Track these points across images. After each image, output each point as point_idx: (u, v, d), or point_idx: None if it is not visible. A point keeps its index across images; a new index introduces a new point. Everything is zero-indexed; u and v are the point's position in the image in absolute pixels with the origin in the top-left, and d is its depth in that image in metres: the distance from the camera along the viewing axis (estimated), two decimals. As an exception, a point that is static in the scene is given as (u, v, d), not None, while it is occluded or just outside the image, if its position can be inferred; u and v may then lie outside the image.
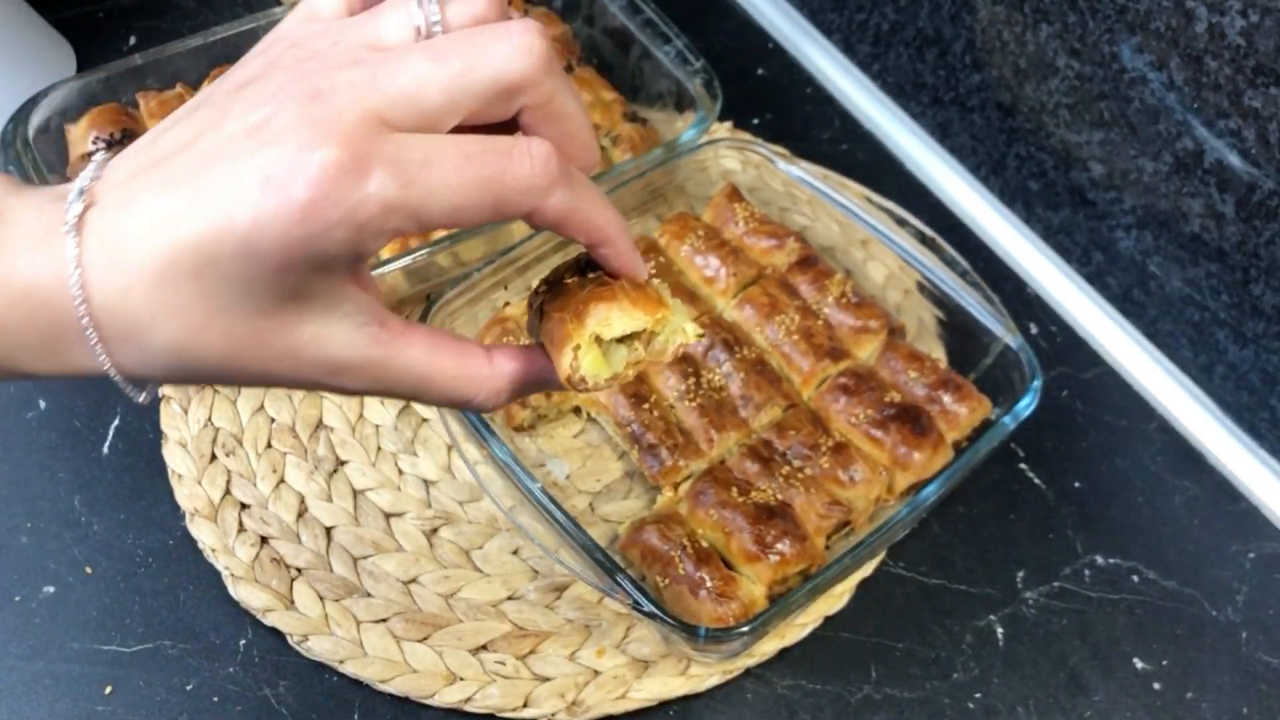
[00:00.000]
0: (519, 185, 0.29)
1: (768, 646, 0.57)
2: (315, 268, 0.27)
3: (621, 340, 0.34)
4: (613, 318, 0.33)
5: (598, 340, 0.33)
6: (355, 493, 0.61)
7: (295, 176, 0.26)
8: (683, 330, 0.35)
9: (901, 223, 0.68)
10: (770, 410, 0.62)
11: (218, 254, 0.26)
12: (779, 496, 0.57)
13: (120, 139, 0.65)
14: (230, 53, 0.71)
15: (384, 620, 0.56)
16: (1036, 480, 0.67)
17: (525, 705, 0.54)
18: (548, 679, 0.55)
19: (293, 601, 0.56)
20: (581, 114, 0.31)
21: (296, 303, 0.28)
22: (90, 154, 0.65)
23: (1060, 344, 0.74)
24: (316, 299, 0.28)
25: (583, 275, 0.35)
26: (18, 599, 0.56)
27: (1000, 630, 0.60)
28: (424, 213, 0.27)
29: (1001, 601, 0.61)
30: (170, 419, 0.63)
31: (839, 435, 0.61)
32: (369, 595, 0.57)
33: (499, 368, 0.33)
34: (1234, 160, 0.62)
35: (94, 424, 0.63)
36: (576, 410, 0.65)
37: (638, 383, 0.62)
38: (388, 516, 0.60)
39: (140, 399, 0.31)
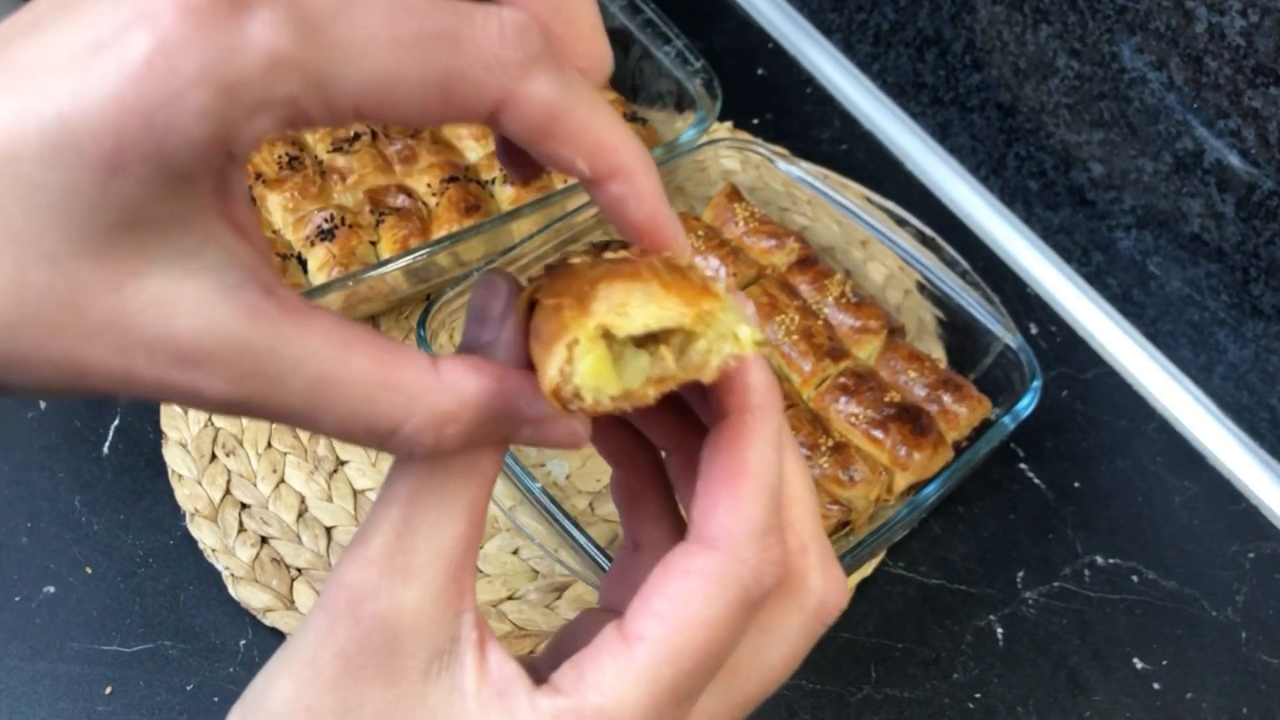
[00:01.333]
0: (480, 55, 0.20)
1: (768, 646, 0.57)
2: (161, 172, 0.18)
3: (642, 345, 0.23)
4: (633, 302, 0.22)
5: (606, 337, 0.22)
6: (355, 493, 0.61)
7: (136, 24, 0.17)
8: (734, 336, 0.23)
9: (901, 223, 0.68)
10: (770, 410, 0.61)
11: (16, 153, 0.17)
12: (779, 496, 0.57)
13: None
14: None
15: (384, 620, 0.56)
16: (1036, 480, 0.67)
17: (525, 705, 0.54)
18: (548, 679, 0.55)
19: (293, 602, 0.57)
20: None
21: (131, 238, 0.18)
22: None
23: (1060, 344, 0.74)
24: (163, 236, 0.19)
25: (598, 255, 0.25)
26: (18, 599, 0.56)
27: (1000, 630, 0.60)
28: (333, 78, 0.18)
29: (1001, 601, 0.61)
30: (170, 419, 0.63)
31: (839, 435, 0.61)
32: (369, 595, 0.57)
33: (449, 380, 0.22)
34: (1234, 160, 0.62)
35: (94, 424, 0.63)
36: (576, 410, 0.65)
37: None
38: (388, 516, 0.60)
39: None
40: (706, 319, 0.23)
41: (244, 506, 0.60)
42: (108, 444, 0.62)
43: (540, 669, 0.26)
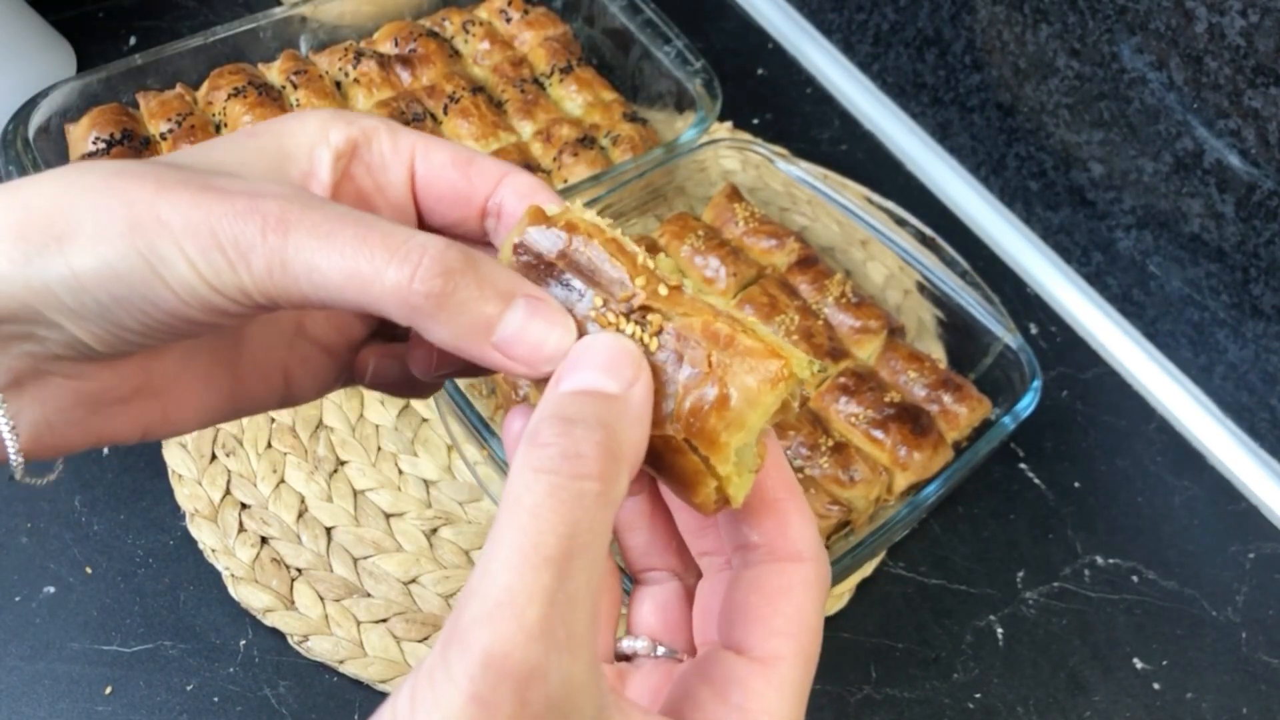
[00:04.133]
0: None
1: (768, 646, 0.57)
2: None
3: None
4: (763, 398, 0.26)
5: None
6: (355, 493, 0.61)
7: None
8: (797, 376, 0.27)
9: (901, 223, 0.68)
10: (770, 410, 0.61)
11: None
12: (779, 496, 0.57)
13: (120, 139, 0.65)
14: (230, 53, 0.71)
15: (384, 620, 0.56)
16: (1036, 480, 0.67)
17: (525, 705, 0.54)
18: (548, 679, 0.55)
19: (293, 602, 0.57)
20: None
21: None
22: (91, 154, 0.65)
23: (1060, 344, 0.74)
24: None
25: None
26: (18, 599, 0.56)
27: (1000, 630, 0.60)
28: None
29: (1001, 601, 0.61)
30: (170, 419, 0.63)
31: (839, 435, 0.61)
32: (369, 595, 0.57)
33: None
34: (1234, 160, 0.62)
35: (94, 424, 0.63)
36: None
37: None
38: (388, 517, 0.60)
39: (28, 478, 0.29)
40: (793, 377, 0.26)
41: (244, 506, 0.60)
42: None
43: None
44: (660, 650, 0.31)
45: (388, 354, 0.34)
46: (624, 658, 0.31)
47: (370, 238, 0.25)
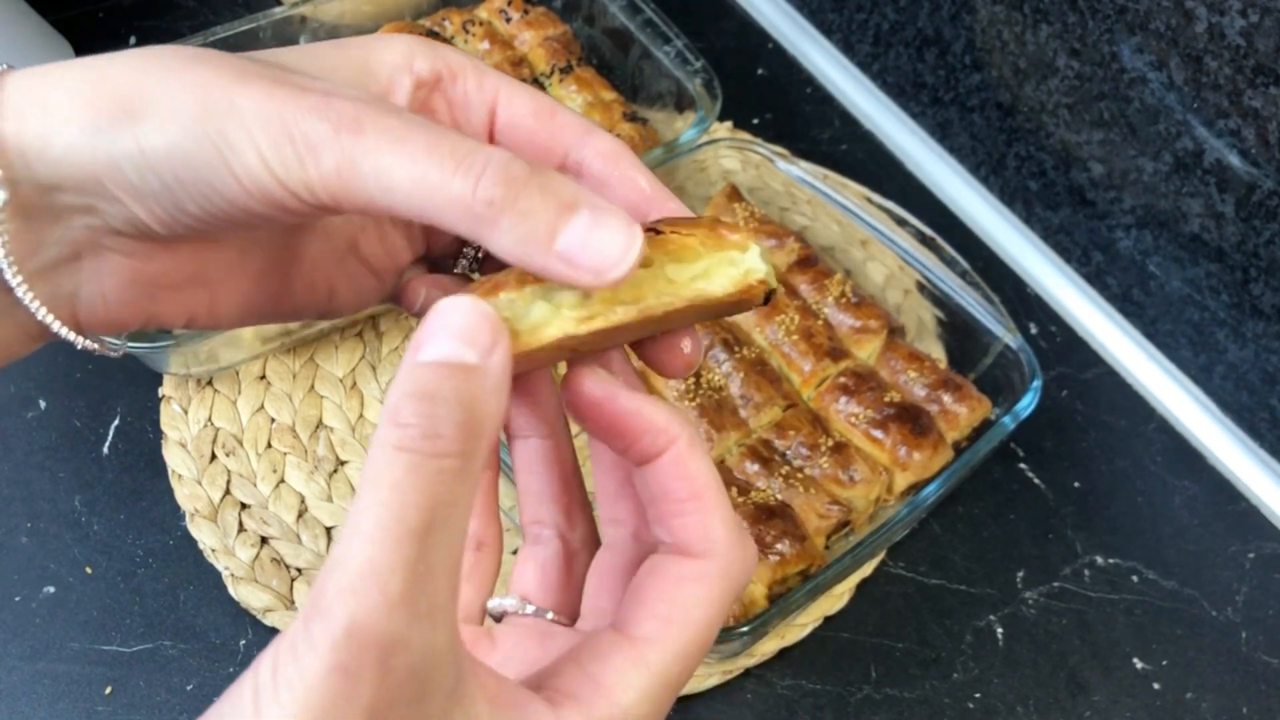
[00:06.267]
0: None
1: (767, 646, 0.57)
2: None
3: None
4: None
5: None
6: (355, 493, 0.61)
7: None
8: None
9: (901, 223, 0.68)
10: (770, 410, 0.62)
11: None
12: (779, 496, 0.57)
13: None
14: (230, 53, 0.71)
15: (384, 620, 0.56)
16: (1036, 480, 0.67)
17: (525, 705, 0.54)
18: (548, 679, 0.55)
19: (293, 602, 0.57)
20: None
21: None
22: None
23: (1060, 344, 0.74)
24: None
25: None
26: (18, 599, 0.56)
27: (1000, 630, 0.60)
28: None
29: (1001, 601, 0.61)
30: (170, 419, 0.63)
31: (839, 435, 0.61)
32: (369, 595, 0.57)
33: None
34: (1234, 160, 0.62)
35: (94, 424, 0.63)
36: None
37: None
38: (388, 516, 0.60)
39: (90, 345, 0.29)
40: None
41: (244, 506, 0.60)
42: (108, 444, 0.62)
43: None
44: (529, 609, 0.30)
45: (439, 285, 0.34)
46: (496, 618, 0.31)
47: (440, 146, 0.25)
